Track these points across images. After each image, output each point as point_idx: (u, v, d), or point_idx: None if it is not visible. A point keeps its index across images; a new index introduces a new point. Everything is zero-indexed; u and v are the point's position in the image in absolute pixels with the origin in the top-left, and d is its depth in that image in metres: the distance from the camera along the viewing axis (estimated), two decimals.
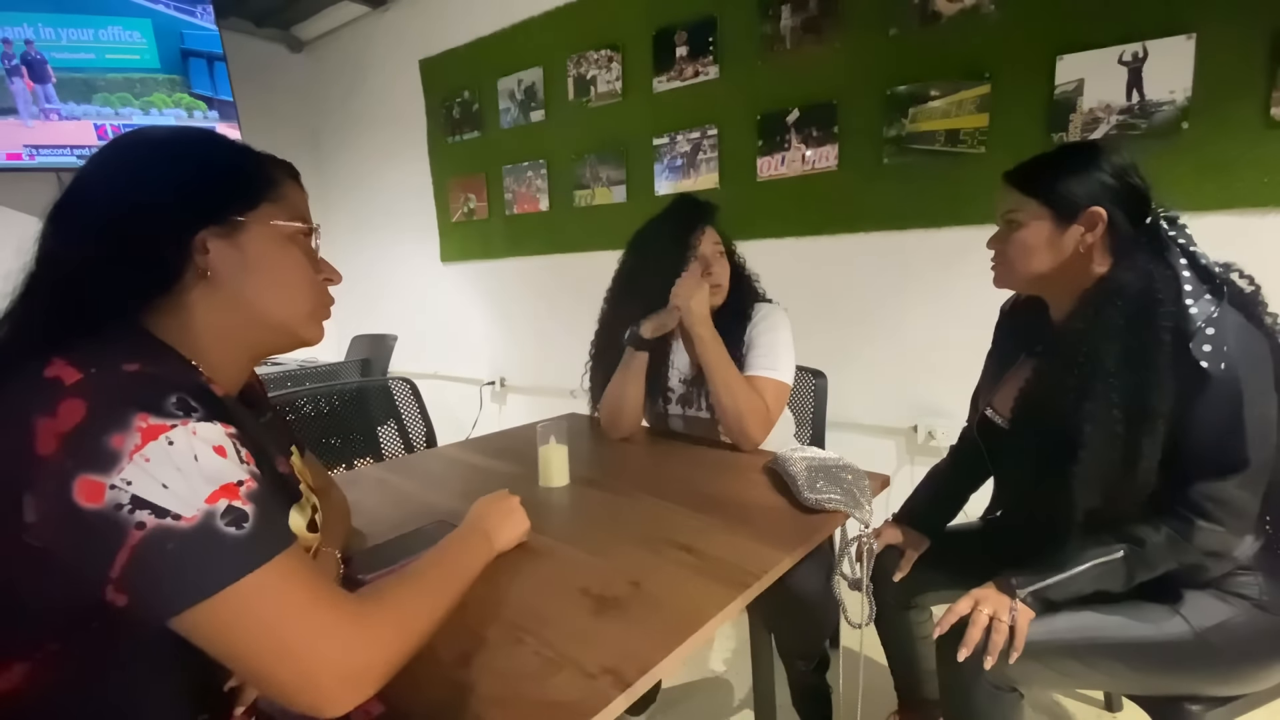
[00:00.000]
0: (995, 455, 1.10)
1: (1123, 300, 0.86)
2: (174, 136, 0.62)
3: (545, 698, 0.57)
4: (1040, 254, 0.93)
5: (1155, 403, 0.82)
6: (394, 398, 1.71)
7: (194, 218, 0.57)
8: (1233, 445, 0.81)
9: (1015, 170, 0.96)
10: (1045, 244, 0.92)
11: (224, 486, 0.47)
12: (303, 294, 0.65)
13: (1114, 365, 0.85)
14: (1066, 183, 0.90)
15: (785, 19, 2.04)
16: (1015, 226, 0.94)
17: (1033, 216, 0.92)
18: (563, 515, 1.03)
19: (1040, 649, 0.89)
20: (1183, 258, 0.86)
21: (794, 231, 2.12)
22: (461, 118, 3.05)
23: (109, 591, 0.44)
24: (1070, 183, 0.90)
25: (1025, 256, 0.94)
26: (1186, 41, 1.47)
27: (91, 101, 2.81)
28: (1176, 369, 0.81)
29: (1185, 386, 0.81)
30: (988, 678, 0.90)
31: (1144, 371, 0.82)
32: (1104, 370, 0.85)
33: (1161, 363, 0.81)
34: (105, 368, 0.47)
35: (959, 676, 0.93)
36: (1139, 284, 0.85)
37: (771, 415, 1.28)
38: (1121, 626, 0.89)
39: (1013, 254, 0.95)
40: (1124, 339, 0.85)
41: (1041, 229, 0.92)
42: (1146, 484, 0.84)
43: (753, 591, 0.76)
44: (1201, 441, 0.82)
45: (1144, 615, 0.89)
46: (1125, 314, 0.85)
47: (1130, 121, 1.55)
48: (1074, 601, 0.91)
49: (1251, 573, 0.87)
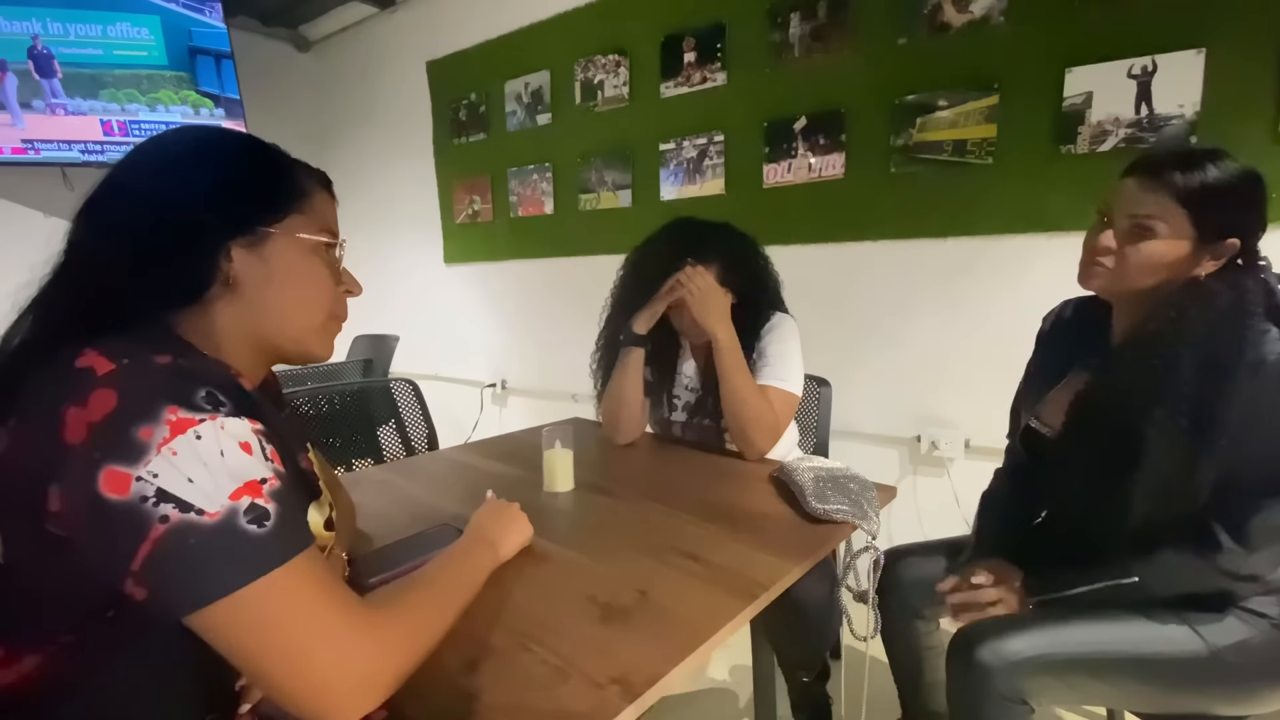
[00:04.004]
0: (1040, 467, 1.07)
1: (1211, 308, 0.82)
2: (207, 141, 0.61)
3: (553, 707, 0.57)
4: (1165, 271, 0.85)
5: (1225, 415, 0.78)
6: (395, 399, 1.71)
7: (222, 227, 0.57)
8: None
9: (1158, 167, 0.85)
10: (1176, 262, 0.85)
11: (248, 484, 0.46)
12: (319, 307, 0.64)
13: (1190, 373, 0.80)
14: (1221, 205, 0.83)
15: (794, 27, 2.04)
16: (1147, 234, 0.85)
17: (1175, 231, 0.84)
18: (568, 521, 1.02)
19: (1052, 662, 0.88)
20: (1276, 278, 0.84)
21: (800, 239, 2.11)
22: (468, 120, 3.05)
23: (129, 584, 0.44)
24: (1225, 205, 0.83)
25: (1151, 270, 0.86)
26: (1196, 56, 1.47)
27: (98, 97, 2.81)
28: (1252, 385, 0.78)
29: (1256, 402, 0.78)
30: (998, 689, 0.88)
31: (1220, 382, 0.79)
32: (1179, 377, 0.81)
33: (1241, 375, 0.78)
34: (138, 359, 0.47)
35: (968, 688, 0.91)
36: (1230, 294, 0.82)
37: (780, 425, 1.27)
38: (1136, 642, 0.87)
39: (1138, 262, 0.86)
40: (1206, 347, 0.81)
41: (1180, 247, 0.84)
42: (1199, 498, 0.81)
43: (761, 602, 0.75)
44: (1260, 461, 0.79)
45: (1159, 631, 0.87)
46: (1211, 321, 0.81)
47: (1139, 135, 1.55)
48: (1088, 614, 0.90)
49: (1273, 594, 0.86)
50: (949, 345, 1.88)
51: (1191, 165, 0.83)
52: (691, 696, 1.59)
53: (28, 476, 0.45)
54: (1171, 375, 0.82)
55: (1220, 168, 0.83)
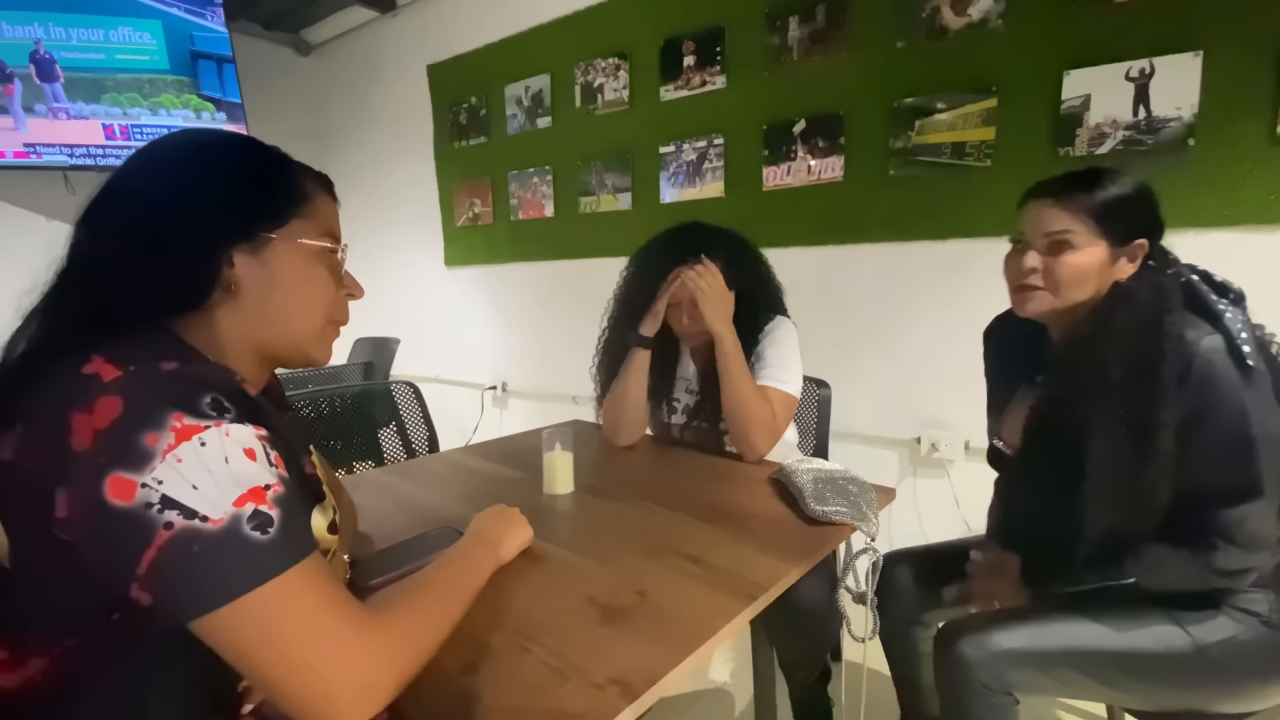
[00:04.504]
0: (1007, 485, 1.09)
1: (1132, 306, 0.86)
2: (208, 146, 0.61)
3: (552, 708, 0.57)
4: (1091, 282, 0.90)
5: (1162, 413, 0.81)
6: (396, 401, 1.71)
7: (224, 233, 0.57)
8: (1246, 465, 0.80)
9: (1060, 188, 0.92)
10: (1098, 270, 0.90)
11: (252, 490, 0.47)
12: (320, 312, 0.64)
13: (1119, 374, 0.84)
14: (1122, 211, 0.88)
15: (793, 30, 2.05)
16: (1066, 249, 0.90)
17: (1089, 241, 0.89)
18: (568, 523, 1.02)
19: (1035, 655, 0.89)
20: (1194, 274, 0.87)
21: (799, 241, 2.12)
22: (468, 123, 3.06)
23: (134, 589, 0.44)
24: (1125, 211, 0.89)
25: (1079, 282, 0.90)
26: (1194, 59, 1.47)
27: (100, 101, 2.82)
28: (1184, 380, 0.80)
29: (1197, 400, 0.80)
30: (981, 679, 0.89)
31: (1148, 376, 0.82)
32: (1109, 380, 0.84)
33: (1166, 372, 0.81)
34: (143, 366, 0.48)
35: (952, 680, 0.92)
36: (1148, 293, 0.86)
37: (778, 427, 1.27)
38: (1124, 638, 0.88)
39: (1066, 277, 0.91)
40: (1131, 345, 0.84)
41: (1097, 253, 0.89)
42: (1157, 502, 0.84)
43: (760, 604, 0.75)
44: (1211, 459, 0.81)
45: (1147, 628, 0.88)
46: (1133, 319, 0.85)
47: (1137, 138, 1.55)
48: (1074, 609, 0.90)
49: (1262, 590, 0.86)
50: (949, 347, 1.88)
51: (1087, 179, 0.91)
52: (692, 698, 1.59)
53: (35, 482, 0.46)
54: (1105, 378, 0.85)
55: (1110, 178, 0.91)
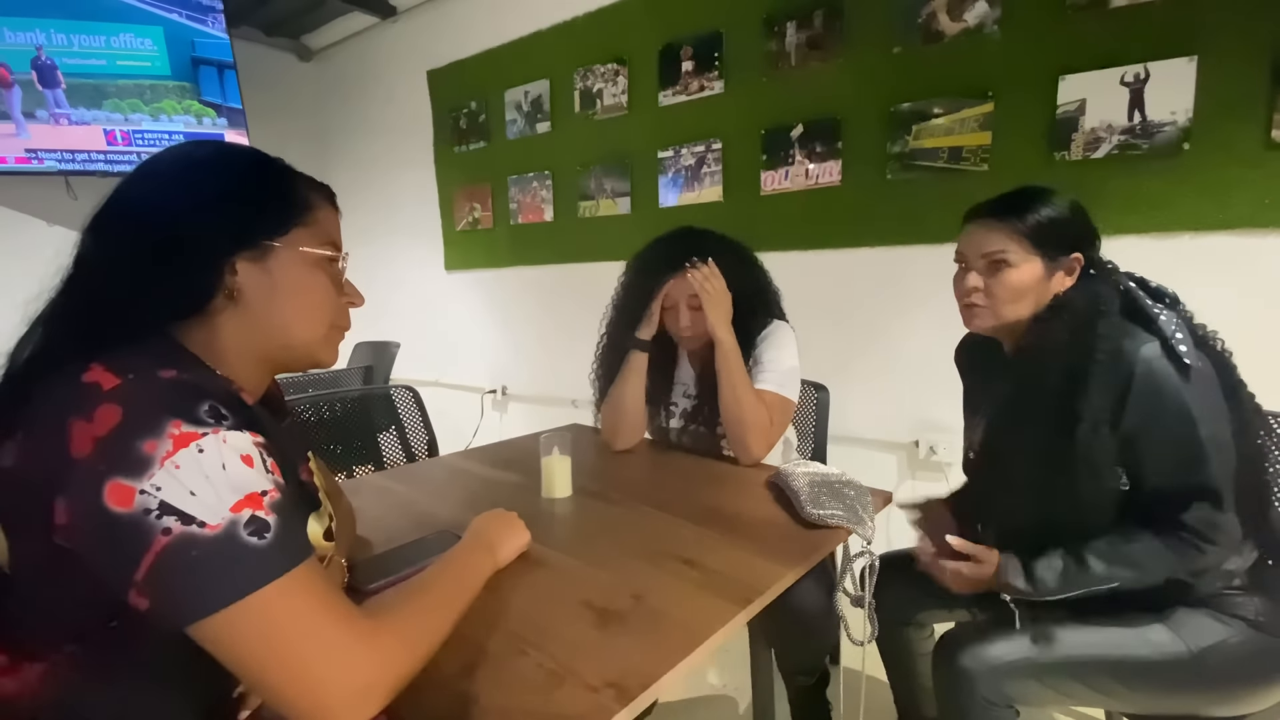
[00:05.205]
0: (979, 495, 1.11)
1: (1069, 313, 0.90)
2: (213, 156, 0.62)
3: (548, 710, 0.57)
4: (1030, 296, 0.95)
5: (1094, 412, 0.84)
6: (396, 405, 1.72)
7: (227, 242, 0.58)
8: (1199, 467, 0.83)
9: (994, 210, 0.96)
10: (1036, 286, 0.94)
11: (249, 496, 0.47)
12: (322, 320, 0.65)
13: (1055, 378, 0.88)
14: (1055, 228, 0.92)
15: (790, 36, 2.06)
16: (1004, 267, 0.94)
17: (1024, 259, 0.93)
18: (565, 526, 1.03)
19: (1034, 666, 0.90)
20: (1131, 281, 0.91)
21: (797, 245, 2.13)
22: (468, 128, 3.07)
23: (132, 595, 0.45)
24: (1058, 228, 0.92)
25: (1017, 298, 0.95)
26: (1188, 64, 1.48)
27: (102, 107, 2.84)
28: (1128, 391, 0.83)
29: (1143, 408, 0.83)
30: (983, 693, 0.90)
31: (1084, 380, 0.85)
32: (1047, 384, 0.88)
33: (1099, 372, 0.84)
34: (142, 375, 0.48)
35: (953, 693, 0.93)
36: (1083, 300, 0.90)
37: (774, 431, 1.28)
38: (1118, 646, 0.89)
39: (1004, 295, 0.95)
40: (1069, 351, 0.88)
41: (1034, 270, 0.93)
42: (1101, 500, 0.87)
43: (755, 607, 0.76)
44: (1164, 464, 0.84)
45: (1140, 635, 0.89)
46: (1070, 326, 0.89)
47: (1132, 142, 1.56)
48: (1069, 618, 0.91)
49: (1247, 593, 0.88)
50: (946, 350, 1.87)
51: (1020, 200, 0.95)
52: (692, 703, 1.59)
53: (35, 489, 0.46)
54: (1046, 385, 0.88)
55: (1042, 198, 0.94)
